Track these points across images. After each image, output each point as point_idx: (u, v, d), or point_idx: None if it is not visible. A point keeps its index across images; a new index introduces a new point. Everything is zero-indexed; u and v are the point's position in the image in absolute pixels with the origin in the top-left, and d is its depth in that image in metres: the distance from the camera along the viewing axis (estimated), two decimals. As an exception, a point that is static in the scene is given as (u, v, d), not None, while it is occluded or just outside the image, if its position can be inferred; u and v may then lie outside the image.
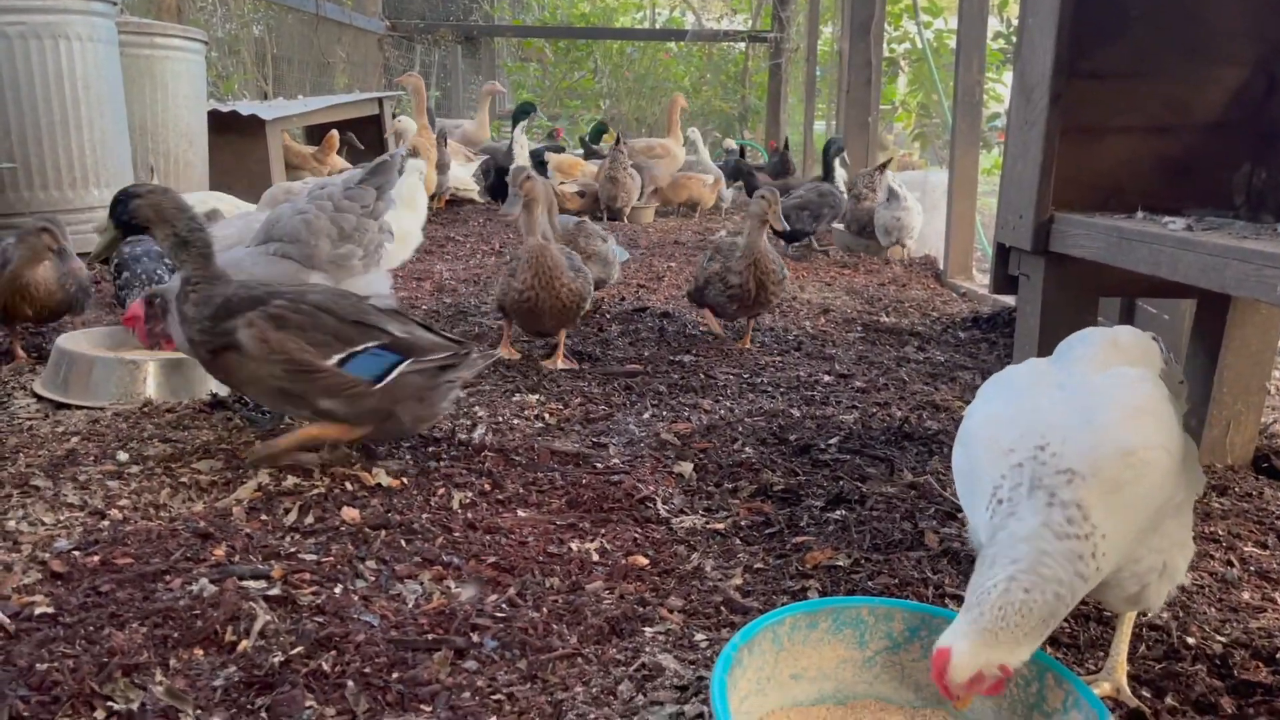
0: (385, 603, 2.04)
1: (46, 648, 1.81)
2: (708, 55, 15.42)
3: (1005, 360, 4.19)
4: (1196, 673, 1.85)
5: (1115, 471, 1.51)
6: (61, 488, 2.54)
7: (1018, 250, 2.83)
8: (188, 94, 6.12)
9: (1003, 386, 1.81)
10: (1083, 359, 1.76)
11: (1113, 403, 1.61)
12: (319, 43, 10.97)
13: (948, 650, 1.46)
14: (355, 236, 2.90)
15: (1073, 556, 1.47)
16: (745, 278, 4.11)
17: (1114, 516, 1.51)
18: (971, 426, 1.74)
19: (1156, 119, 2.80)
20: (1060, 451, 1.54)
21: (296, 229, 2.89)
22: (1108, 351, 1.77)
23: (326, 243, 2.88)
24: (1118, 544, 1.52)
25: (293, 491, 2.57)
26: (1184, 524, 1.72)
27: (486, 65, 16.45)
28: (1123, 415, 1.58)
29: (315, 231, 2.86)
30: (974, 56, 6.03)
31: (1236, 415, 2.94)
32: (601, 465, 2.84)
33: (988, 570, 1.50)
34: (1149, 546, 1.63)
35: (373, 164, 2.99)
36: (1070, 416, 1.60)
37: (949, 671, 1.46)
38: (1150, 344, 1.84)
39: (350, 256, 2.92)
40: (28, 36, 4.78)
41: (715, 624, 2.02)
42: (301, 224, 2.88)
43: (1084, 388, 1.66)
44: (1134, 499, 1.53)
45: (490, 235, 7.47)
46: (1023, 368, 1.84)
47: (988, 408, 1.76)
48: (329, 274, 2.92)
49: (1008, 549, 1.49)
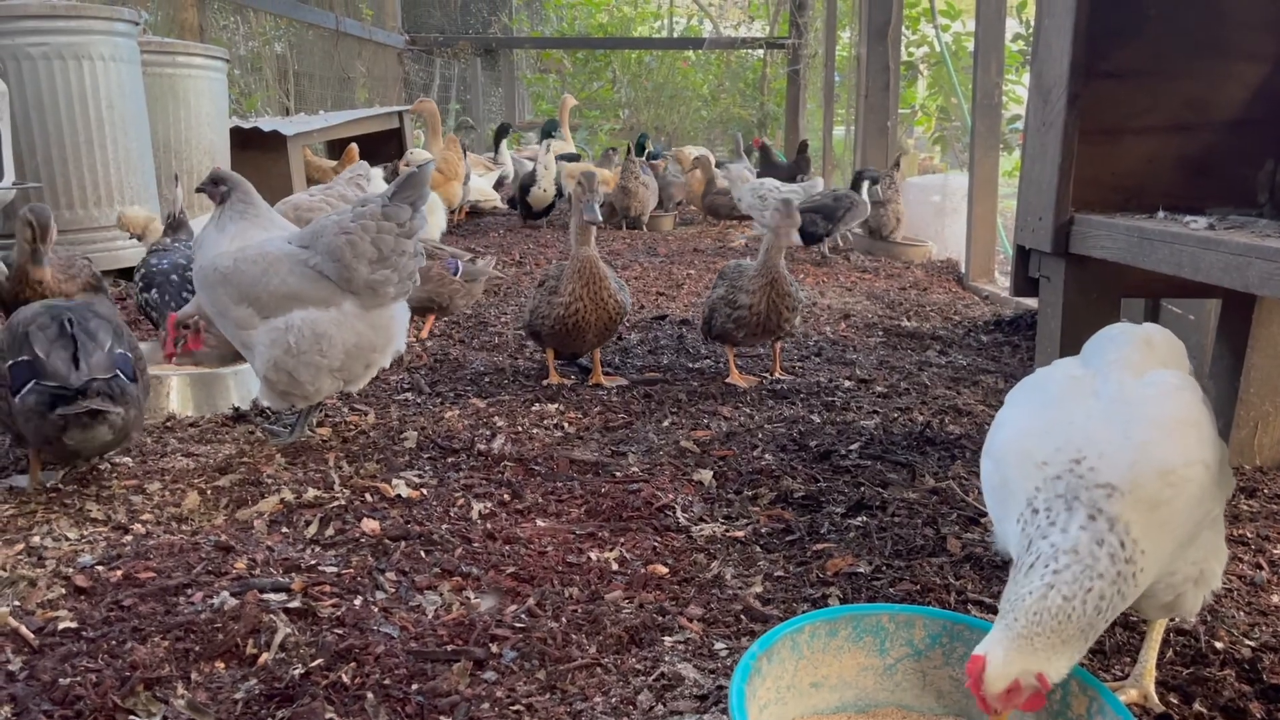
0: (405, 614, 2.04)
1: (70, 662, 1.83)
2: (726, 63, 15.41)
3: (1028, 363, 4.16)
4: (1225, 677, 1.82)
5: (1155, 489, 1.47)
6: (85, 503, 2.56)
7: (1038, 252, 2.80)
8: (210, 111, 6.17)
9: (1034, 393, 1.74)
10: (1117, 363, 1.68)
11: (1153, 416, 1.55)
12: (339, 58, 11.06)
13: (982, 658, 1.43)
14: (391, 260, 2.84)
15: (1115, 570, 1.43)
16: (758, 299, 3.71)
17: (1153, 532, 1.47)
18: (1002, 438, 1.67)
19: (1177, 118, 2.77)
20: (1098, 466, 1.49)
21: (340, 249, 2.82)
22: (1142, 353, 1.70)
23: (365, 266, 2.82)
24: (1157, 559, 1.49)
25: (313, 504, 2.58)
26: (1218, 530, 1.68)
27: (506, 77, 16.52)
28: (1163, 430, 1.52)
29: (358, 254, 2.80)
30: (992, 59, 6.00)
31: (1264, 416, 2.90)
32: (621, 474, 2.84)
33: (1024, 578, 1.46)
34: (1185, 558, 1.59)
35: (401, 177, 2.92)
36: (1108, 429, 1.53)
37: (985, 681, 1.42)
38: (1180, 343, 1.78)
39: (386, 283, 2.86)
40: (51, 57, 4.84)
41: (735, 632, 2.00)
42: (346, 244, 2.80)
43: (1121, 396, 1.60)
44: (1173, 515, 1.49)
45: (511, 246, 7.50)
46: (1054, 372, 1.77)
47: (1019, 418, 1.69)
48: (362, 300, 2.88)
49: (1048, 559, 1.45)
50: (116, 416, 2.52)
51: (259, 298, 2.87)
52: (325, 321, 2.86)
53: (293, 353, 2.85)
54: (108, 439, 2.57)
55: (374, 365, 3.04)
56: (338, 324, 2.87)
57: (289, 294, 2.86)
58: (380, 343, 2.98)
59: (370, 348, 2.96)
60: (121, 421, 2.55)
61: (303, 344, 2.84)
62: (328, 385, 2.98)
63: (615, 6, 17.13)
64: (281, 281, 2.86)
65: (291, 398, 2.98)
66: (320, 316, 2.86)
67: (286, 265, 2.87)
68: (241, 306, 2.89)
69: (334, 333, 2.87)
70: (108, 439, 2.57)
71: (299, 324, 2.85)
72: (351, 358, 2.93)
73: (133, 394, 2.60)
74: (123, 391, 2.56)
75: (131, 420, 2.60)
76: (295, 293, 2.86)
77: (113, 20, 5.08)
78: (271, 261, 2.88)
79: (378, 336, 2.96)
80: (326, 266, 2.85)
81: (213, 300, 2.95)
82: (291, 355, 2.85)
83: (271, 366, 2.88)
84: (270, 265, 2.87)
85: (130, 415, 2.59)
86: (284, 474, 2.79)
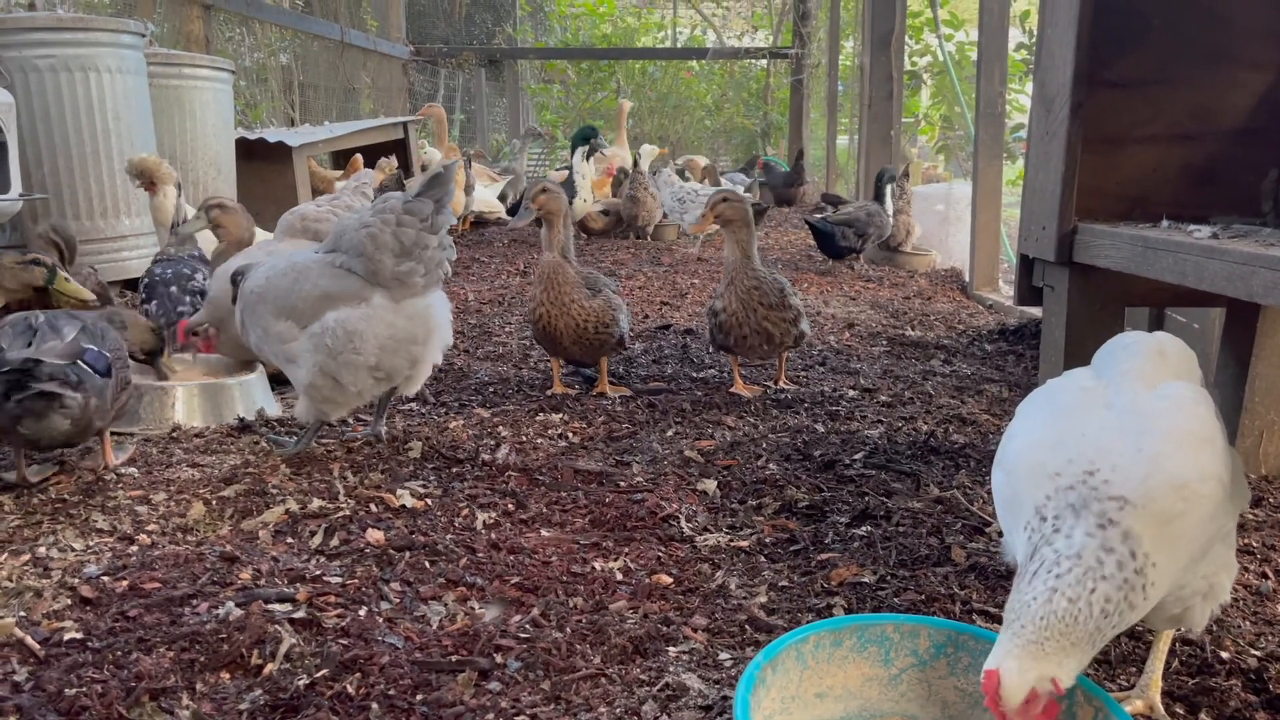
0: (409, 624, 2.04)
1: (75, 673, 1.83)
2: (729, 73, 15.45)
3: (1032, 372, 4.16)
4: (1231, 688, 1.82)
5: (1167, 504, 1.46)
6: (91, 513, 2.56)
7: (1042, 261, 2.81)
8: (215, 123, 6.20)
9: (1045, 404, 1.72)
10: (1130, 373, 1.66)
11: (1167, 429, 1.54)
12: (344, 69, 11.10)
13: (996, 672, 1.41)
14: (415, 253, 2.88)
15: (1121, 576, 1.42)
16: (728, 301, 3.63)
17: (1165, 547, 1.46)
18: (1013, 449, 1.66)
19: (1181, 126, 2.78)
20: (1111, 479, 1.48)
21: (362, 243, 2.87)
22: (1155, 363, 1.69)
23: (390, 258, 2.86)
24: (1167, 573, 1.48)
25: (318, 514, 2.59)
26: (1230, 544, 1.67)
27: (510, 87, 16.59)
28: (1177, 444, 1.51)
29: (380, 246, 2.85)
30: (995, 68, 6.01)
31: (1270, 425, 2.89)
32: (625, 483, 2.84)
33: (1028, 585, 1.45)
34: (1195, 572, 1.58)
35: (428, 176, 2.96)
36: (1121, 441, 1.52)
37: (1002, 695, 1.40)
38: (1192, 353, 1.77)
39: (412, 274, 2.90)
40: (58, 69, 4.86)
41: (740, 643, 2.00)
42: (367, 238, 2.86)
43: (1134, 408, 1.58)
44: (1186, 530, 1.48)
45: (515, 256, 7.51)
46: (1066, 382, 1.75)
47: (1030, 429, 1.68)
48: (391, 292, 2.91)
49: (1051, 564, 1.44)
50: (72, 402, 2.51)
51: (295, 306, 2.92)
52: (355, 318, 2.89)
53: (332, 354, 2.88)
54: (64, 428, 2.56)
55: (421, 361, 3.03)
56: (367, 319, 2.89)
57: (322, 295, 2.90)
58: (420, 333, 2.98)
59: (409, 339, 2.96)
60: (80, 410, 2.55)
61: (338, 343, 2.87)
62: (370, 386, 2.98)
63: (619, 17, 17.19)
64: (314, 285, 2.91)
65: (335, 405, 2.98)
66: (351, 314, 2.89)
67: (316, 269, 2.94)
68: (281, 320, 2.94)
69: (364, 328, 2.89)
70: (64, 428, 2.56)
71: (332, 324, 2.88)
72: (387, 351, 2.93)
73: (95, 385, 2.60)
74: (80, 380, 2.55)
75: (93, 410, 2.60)
76: (327, 292, 2.90)
77: (119, 32, 5.10)
78: (301, 269, 2.96)
79: (415, 326, 2.97)
80: (353, 263, 2.91)
81: (256, 323, 3.00)
82: (331, 357, 2.88)
83: (317, 372, 2.91)
84: (301, 273, 2.95)
85: (91, 405, 2.58)
86: (289, 484, 2.80)
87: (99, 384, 2.62)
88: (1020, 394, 3.83)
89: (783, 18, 14.53)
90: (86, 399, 2.57)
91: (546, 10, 17.54)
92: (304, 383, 2.95)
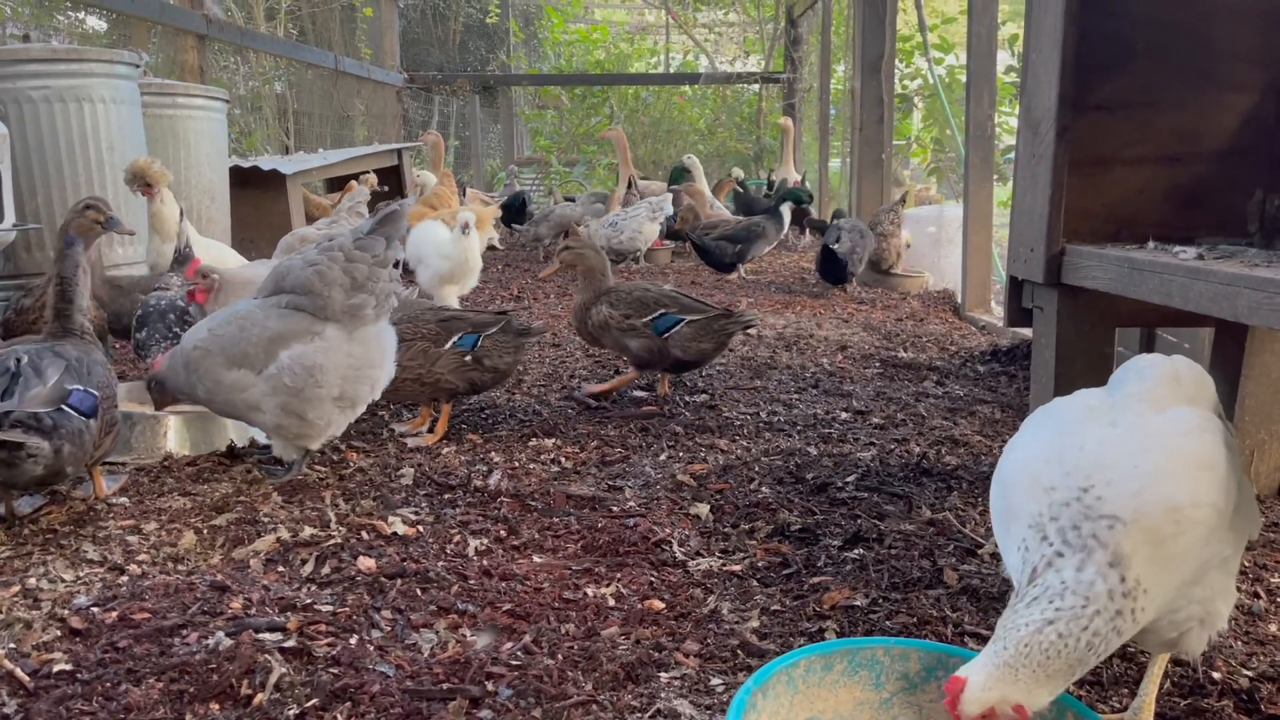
0: (401, 652, 2.04)
1: (64, 705, 1.82)
2: (722, 98, 15.54)
3: (1024, 393, 4.16)
4: (1223, 708, 1.81)
5: (1158, 523, 1.46)
6: (81, 544, 2.56)
7: (1031, 283, 2.82)
8: (210, 151, 6.22)
9: (1048, 421, 1.72)
10: (1138, 395, 1.66)
11: (1167, 450, 1.53)
12: (338, 97, 11.16)
13: (963, 680, 1.44)
14: (368, 286, 2.93)
15: (1114, 608, 1.43)
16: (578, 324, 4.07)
17: (1154, 569, 1.46)
18: (1010, 463, 1.67)
19: (1167, 148, 2.80)
20: (1105, 495, 1.48)
21: (309, 280, 2.91)
22: (1168, 387, 1.67)
23: (340, 293, 2.90)
24: (1157, 597, 1.48)
25: (310, 542, 2.58)
26: (1230, 572, 1.66)
27: (504, 114, 16.65)
28: (1174, 466, 1.51)
29: (328, 282, 2.89)
30: (984, 91, 6.05)
31: (1260, 444, 2.90)
32: (617, 508, 2.84)
33: (1025, 609, 1.45)
34: (1189, 597, 1.57)
35: (381, 213, 3.01)
36: (1118, 458, 1.52)
37: (961, 702, 1.43)
38: (1208, 379, 1.75)
39: (364, 306, 2.94)
40: (52, 100, 4.89)
41: (732, 668, 2.00)
42: (314, 275, 2.90)
43: (1138, 428, 1.58)
44: (1177, 553, 1.47)
45: (509, 281, 7.53)
46: (1073, 401, 1.75)
47: (1029, 443, 1.68)
48: (343, 324, 2.94)
49: (1054, 594, 1.45)
50: (38, 450, 2.46)
51: (246, 353, 2.90)
52: (312, 353, 2.90)
53: (293, 391, 2.87)
54: (37, 473, 2.52)
55: (378, 383, 3.08)
56: (325, 351, 2.91)
57: (273, 337, 2.90)
58: (375, 357, 3.03)
59: (368, 364, 3.01)
60: (51, 457, 2.50)
61: (298, 380, 2.87)
62: (337, 417, 3.00)
63: (612, 43, 17.30)
64: (262, 329, 2.91)
65: (307, 439, 3.00)
66: (306, 350, 2.90)
67: (261, 313, 2.95)
68: (234, 370, 2.91)
69: (323, 360, 2.90)
70: (37, 473, 2.52)
71: (288, 363, 2.88)
72: (349, 380, 2.96)
73: (73, 428, 2.56)
74: (56, 425, 2.52)
75: (66, 456, 2.55)
76: (277, 333, 2.90)
77: (113, 63, 5.13)
78: (245, 316, 2.95)
79: (371, 351, 3.01)
80: (299, 301, 2.94)
81: (204, 378, 2.94)
82: (293, 395, 2.88)
83: (280, 413, 2.91)
84: (246, 319, 2.94)
85: (65, 451, 2.53)
86: (280, 512, 2.79)
87: (76, 427, 2.57)
88: (1013, 415, 3.84)
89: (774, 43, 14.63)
90: (58, 445, 2.52)
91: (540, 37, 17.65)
92: (270, 425, 2.97)
